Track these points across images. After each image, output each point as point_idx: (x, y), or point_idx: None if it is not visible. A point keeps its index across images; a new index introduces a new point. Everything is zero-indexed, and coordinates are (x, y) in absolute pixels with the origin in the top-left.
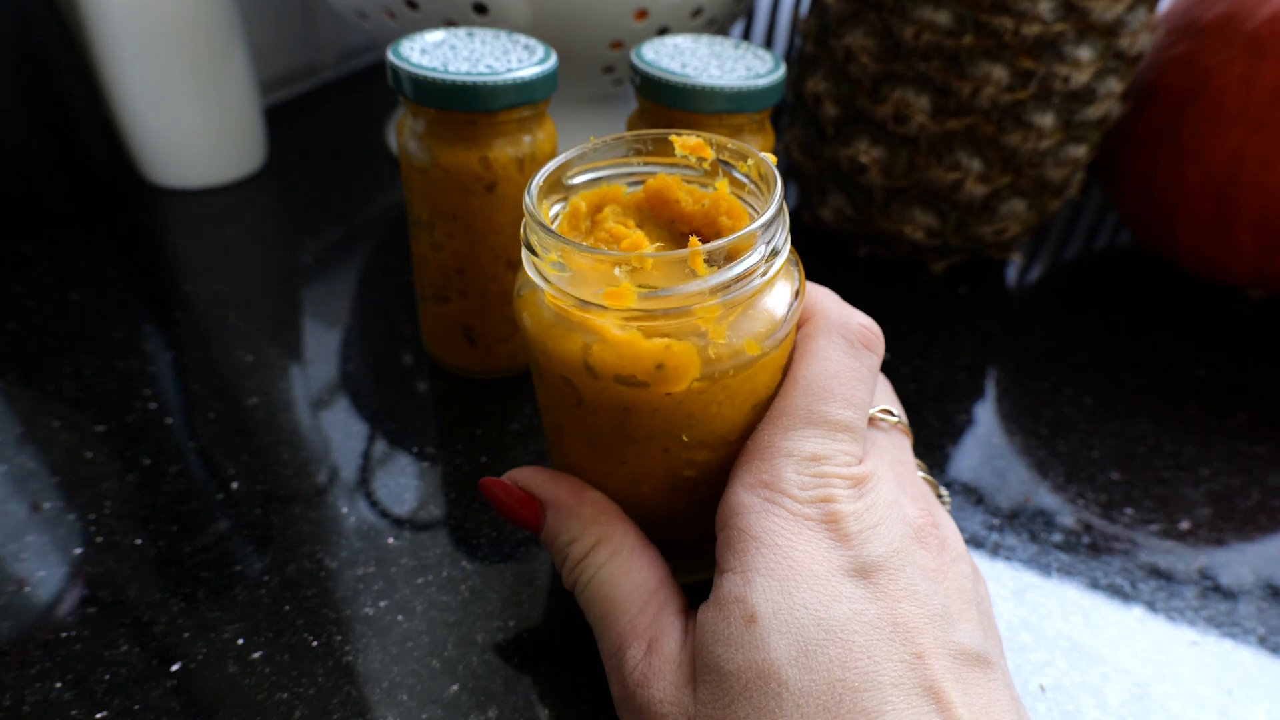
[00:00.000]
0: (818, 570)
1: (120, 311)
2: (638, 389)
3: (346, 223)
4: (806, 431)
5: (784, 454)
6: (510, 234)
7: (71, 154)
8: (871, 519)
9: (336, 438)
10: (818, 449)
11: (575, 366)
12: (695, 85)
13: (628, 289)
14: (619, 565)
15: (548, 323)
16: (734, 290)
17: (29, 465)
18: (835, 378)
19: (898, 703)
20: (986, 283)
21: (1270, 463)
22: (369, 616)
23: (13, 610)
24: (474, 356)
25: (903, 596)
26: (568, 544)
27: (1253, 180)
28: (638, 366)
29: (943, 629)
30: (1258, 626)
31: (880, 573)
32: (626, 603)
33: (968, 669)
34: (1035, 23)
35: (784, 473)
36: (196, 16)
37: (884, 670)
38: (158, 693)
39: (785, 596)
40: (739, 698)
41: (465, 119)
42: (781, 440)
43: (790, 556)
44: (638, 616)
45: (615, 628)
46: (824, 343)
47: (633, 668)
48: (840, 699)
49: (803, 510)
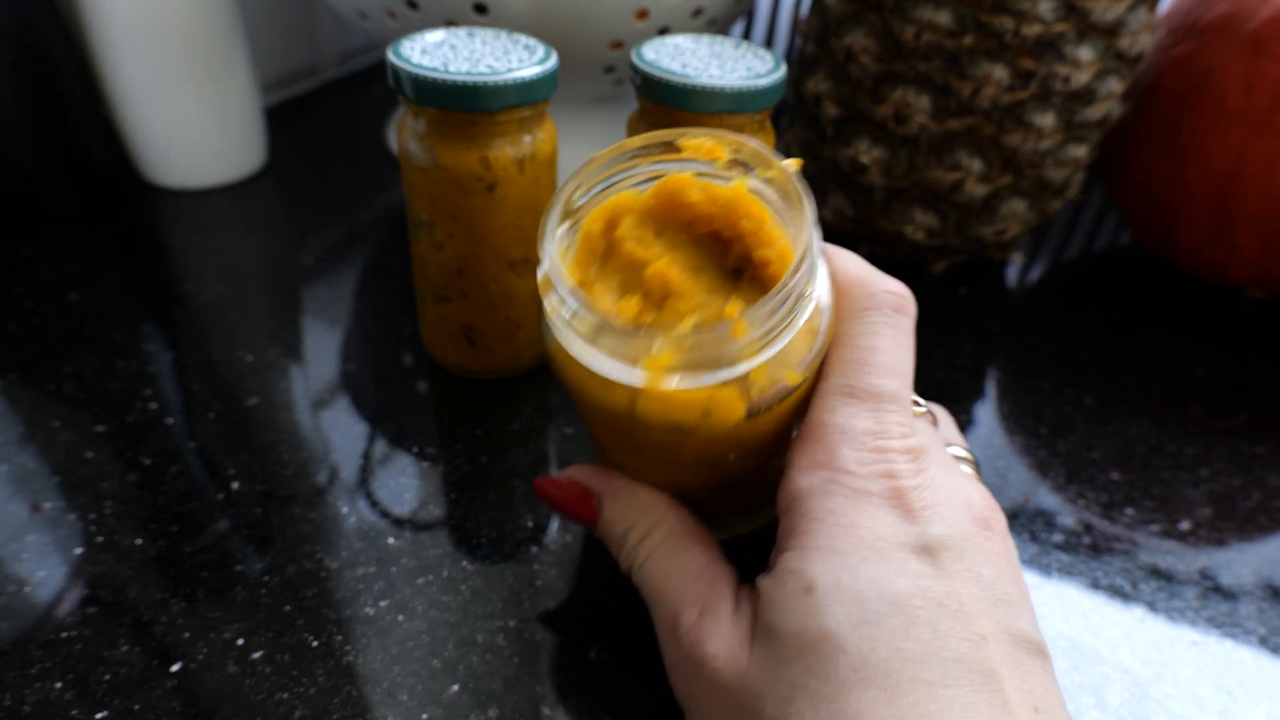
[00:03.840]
0: (881, 545)
1: (120, 311)
2: (679, 434)
3: (346, 223)
4: (855, 408)
5: (838, 432)
6: (511, 234)
7: (71, 154)
8: (934, 496)
9: (337, 438)
10: (870, 424)
11: (621, 414)
12: (696, 85)
13: (665, 358)
14: (674, 546)
15: (580, 378)
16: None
17: (29, 465)
18: (876, 350)
19: (958, 678)
20: (987, 283)
21: (1271, 463)
22: (369, 617)
23: (13, 610)
24: (474, 356)
25: (968, 578)
26: (625, 531)
27: (1253, 181)
28: (685, 416)
29: (1005, 614)
30: (1258, 627)
31: (945, 552)
32: (680, 576)
33: (1027, 656)
34: (1036, 23)
35: (841, 450)
36: (197, 17)
37: (946, 646)
38: (158, 693)
39: (846, 570)
40: (794, 658)
41: (466, 119)
42: (833, 418)
43: (853, 533)
44: (691, 586)
45: (671, 598)
46: (860, 316)
47: (687, 629)
48: (901, 667)
49: (865, 486)
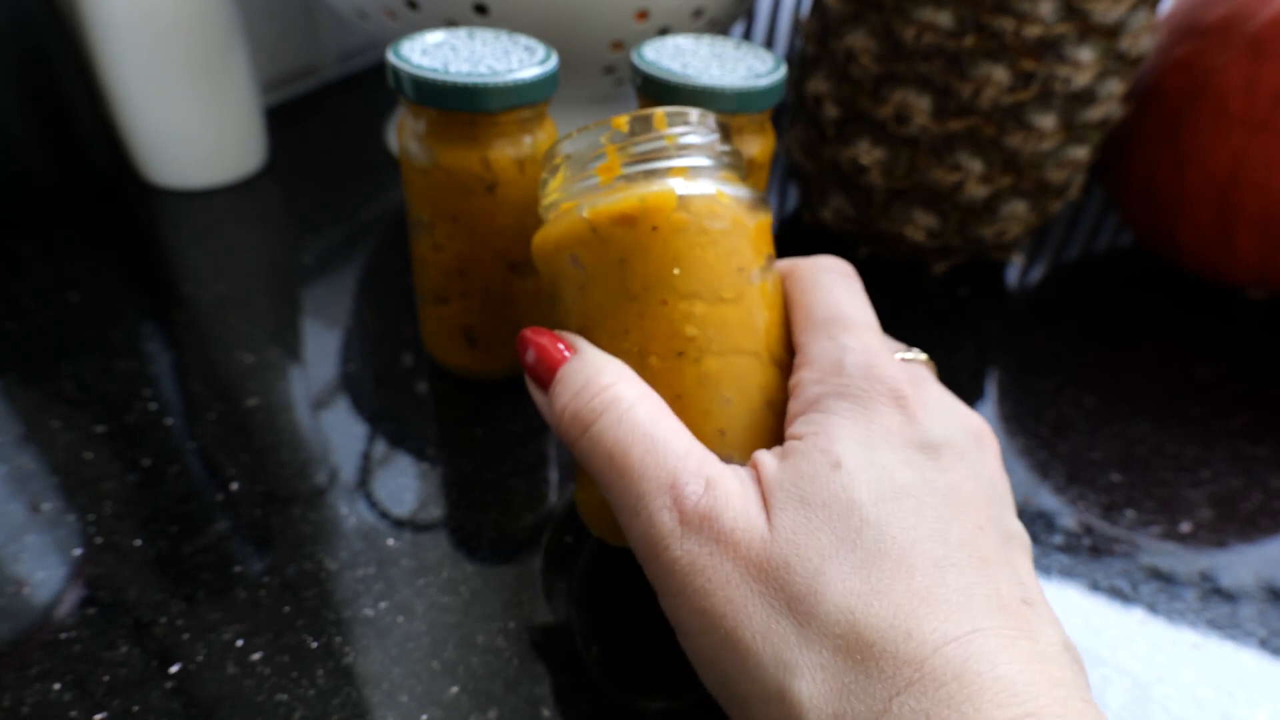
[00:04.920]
0: (891, 440)
1: (120, 312)
2: (629, 229)
3: (346, 223)
4: (841, 335)
5: (837, 351)
6: (511, 235)
7: (71, 154)
8: (932, 405)
9: (337, 439)
10: (859, 343)
11: (578, 234)
12: (696, 85)
13: (614, 161)
14: (654, 405)
15: (555, 225)
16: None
17: (29, 465)
18: (839, 300)
19: (961, 560)
20: (987, 284)
21: (1272, 464)
22: (369, 618)
23: (12, 611)
24: (474, 357)
25: (966, 475)
26: (594, 374)
27: (1254, 182)
28: (626, 205)
29: (998, 511)
30: (1259, 629)
31: (945, 451)
32: (671, 441)
33: (1017, 552)
34: (1036, 24)
35: (845, 365)
36: (197, 17)
37: (950, 531)
38: (157, 694)
39: (866, 453)
40: (822, 526)
41: (466, 120)
42: (827, 345)
43: (868, 425)
44: (686, 458)
45: (663, 465)
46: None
47: (694, 503)
48: (914, 544)
49: (872, 390)
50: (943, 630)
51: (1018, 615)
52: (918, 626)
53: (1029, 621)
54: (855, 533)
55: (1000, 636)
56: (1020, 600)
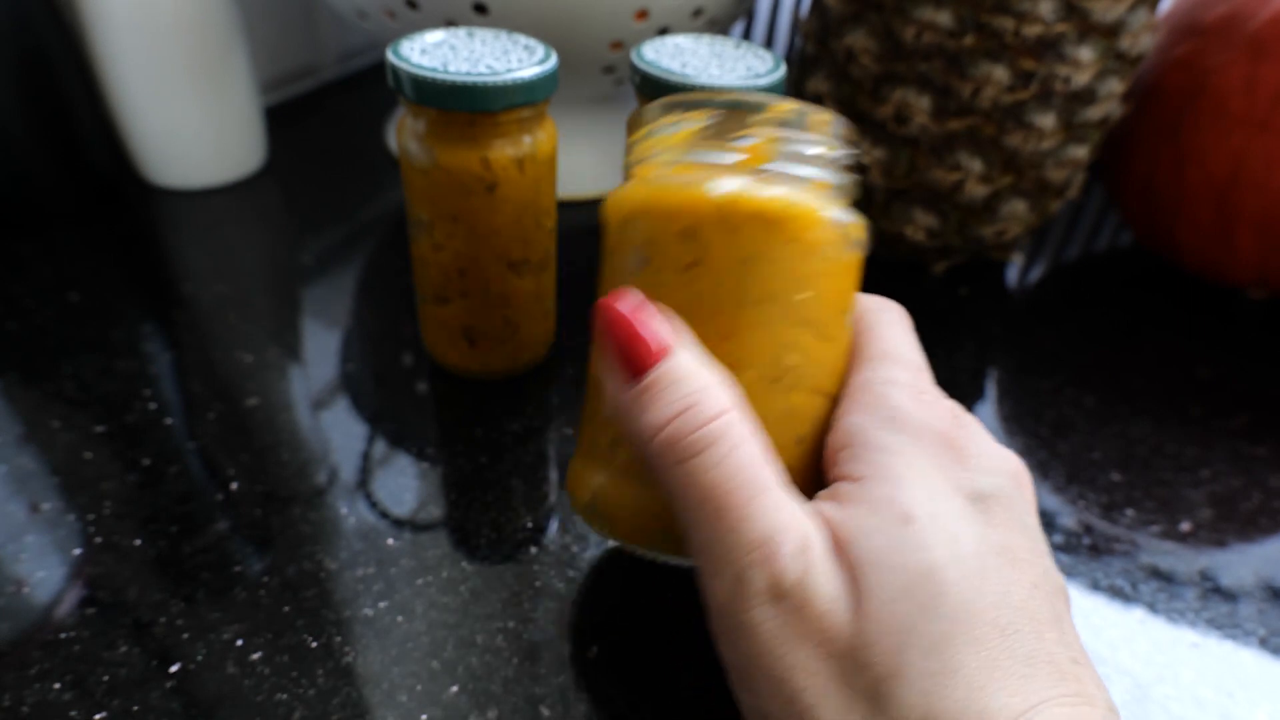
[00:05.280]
0: (946, 489)
1: (120, 311)
2: (765, 231)
3: (346, 223)
4: (894, 368)
5: (885, 383)
6: (511, 234)
7: (72, 154)
8: (979, 448)
9: (336, 438)
10: (911, 380)
11: (702, 211)
12: (696, 85)
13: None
14: (759, 446)
15: (669, 189)
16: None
17: (29, 465)
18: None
19: (1022, 625)
20: (987, 283)
21: (1271, 464)
22: (369, 618)
23: (12, 611)
24: (474, 357)
25: (1014, 529)
26: (702, 396)
27: (1254, 182)
28: (773, 206)
29: (1046, 563)
30: (1259, 628)
31: (993, 504)
32: (773, 491)
33: (1063, 605)
34: (1036, 23)
35: (892, 395)
36: (196, 17)
37: (1011, 593)
38: (157, 694)
39: (931, 503)
40: (901, 596)
41: (466, 119)
42: (876, 374)
43: (922, 469)
44: (780, 512)
45: (761, 519)
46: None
47: (787, 565)
48: (982, 611)
49: (921, 426)
50: (1011, 706)
51: (1074, 680)
52: (988, 705)
53: (1083, 685)
54: (934, 600)
55: (1063, 706)
56: (1072, 661)
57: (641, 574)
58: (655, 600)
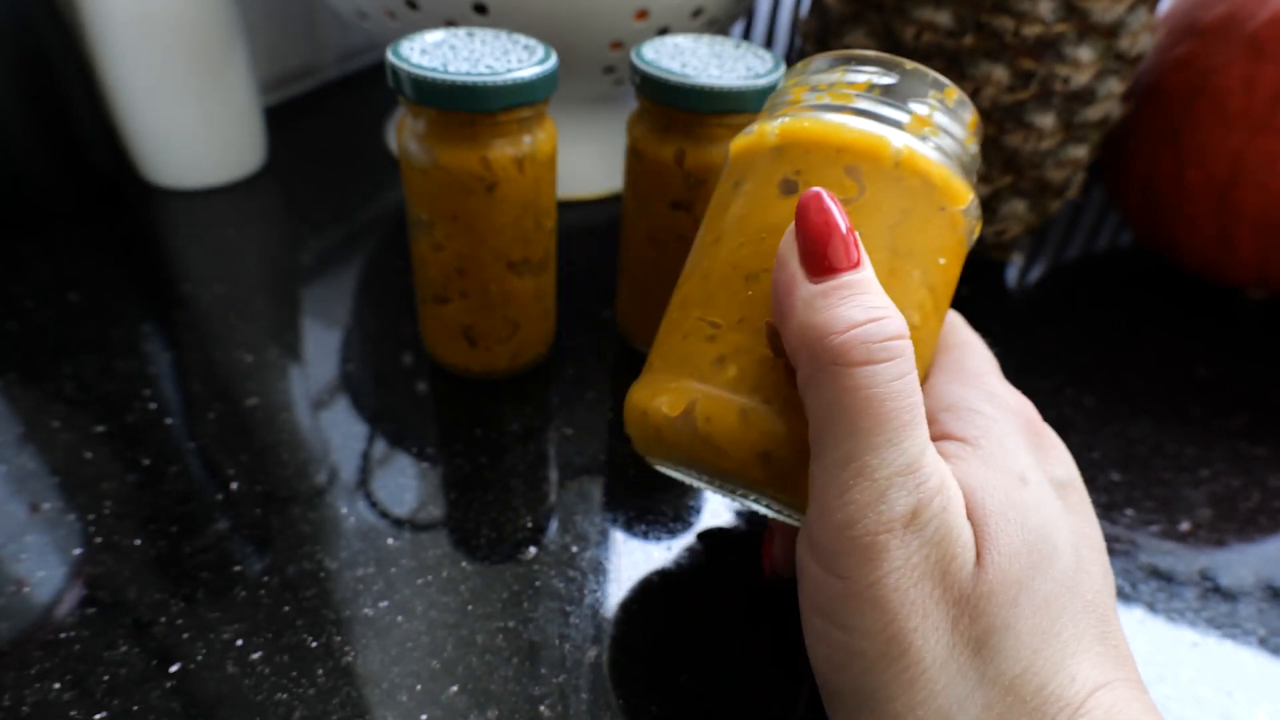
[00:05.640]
0: (1038, 466)
1: (120, 311)
2: (924, 189)
3: (346, 223)
4: (982, 360)
5: (981, 364)
6: (511, 234)
7: (72, 154)
8: (1056, 440)
9: (336, 438)
10: (995, 369)
11: (878, 153)
12: (695, 85)
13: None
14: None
15: (843, 129)
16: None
17: (29, 465)
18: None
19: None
20: (987, 283)
21: (1271, 464)
22: (368, 617)
23: (12, 610)
24: (474, 357)
25: (1087, 519)
26: (889, 312)
27: (1254, 181)
28: (938, 171)
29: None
30: (1258, 628)
31: (1069, 491)
32: (924, 421)
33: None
34: (1036, 23)
35: (987, 378)
36: (196, 17)
37: (1093, 573)
38: (157, 693)
39: (1038, 471)
40: (1021, 549)
41: (465, 119)
42: (969, 359)
43: (1021, 444)
44: (932, 448)
45: (917, 442)
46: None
47: (934, 494)
48: (1078, 583)
49: (1014, 409)
50: (1094, 677)
51: (1130, 666)
52: (1078, 671)
53: (1135, 672)
54: (1047, 561)
55: (1128, 687)
56: (1128, 652)
57: (642, 575)
58: (656, 601)
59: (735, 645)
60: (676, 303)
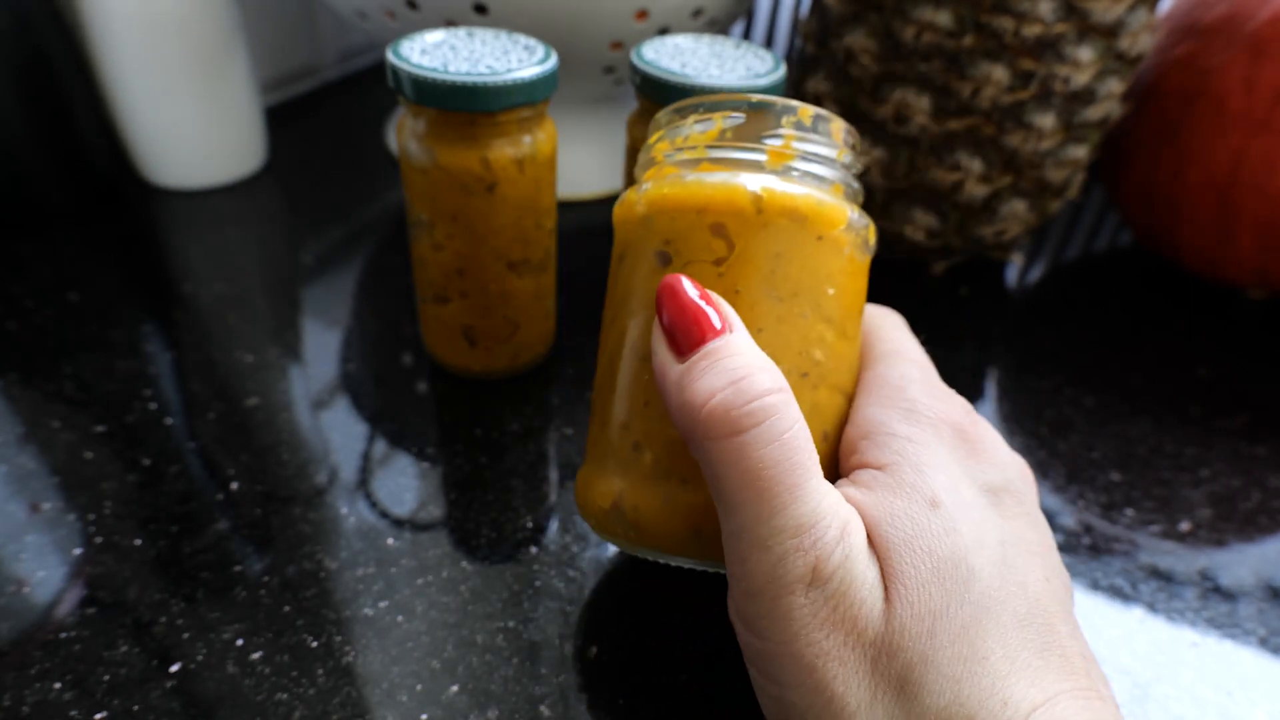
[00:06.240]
0: (964, 478)
1: (120, 311)
2: (797, 228)
3: (346, 223)
4: (907, 366)
5: (901, 379)
6: (511, 234)
7: (71, 154)
8: (988, 443)
9: (336, 438)
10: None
11: (737, 206)
12: (695, 85)
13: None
14: (807, 431)
15: (702, 185)
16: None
17: (29, 465)
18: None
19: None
20: (987, 283)
21: (1271, 464)
22: (369, 617)
23: (12, 610)
24: (474, 357)
25: (1026, 523)
26: (755, 371)
27: (1254, 182)
28: (804, 202)
29: (1054, 558)
30: (1258, 628)
31: (1005, 495)
32: (818, 477)
33: (1068, 600)
34: (1036, 23)
35: (908, 391)
36: (196, 17)
37: (1028, 584)
38: (157, 693)
39: (955, 491)
40: (931, 579)
41: (465, 119)
42: (891, 371)
43: (942, 459)
44: (825, 498)
45: (807, 503)
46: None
47: (831, 548)
48: (1006, 599)
49: (937, 418)
50: (1030, 697)
51: (1084, 674)
52: (1011, 694)
53: (1091, 679)
54: (963, 586)
55: (1074, 698)
56: (1080, 655)
57: (641, 574)
58: (655, 600)
59: (735, 645)
60: (595, 384)
